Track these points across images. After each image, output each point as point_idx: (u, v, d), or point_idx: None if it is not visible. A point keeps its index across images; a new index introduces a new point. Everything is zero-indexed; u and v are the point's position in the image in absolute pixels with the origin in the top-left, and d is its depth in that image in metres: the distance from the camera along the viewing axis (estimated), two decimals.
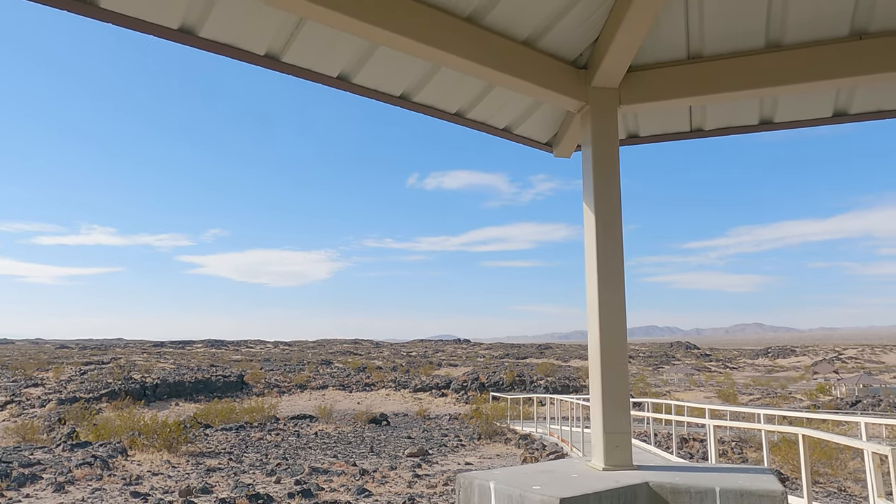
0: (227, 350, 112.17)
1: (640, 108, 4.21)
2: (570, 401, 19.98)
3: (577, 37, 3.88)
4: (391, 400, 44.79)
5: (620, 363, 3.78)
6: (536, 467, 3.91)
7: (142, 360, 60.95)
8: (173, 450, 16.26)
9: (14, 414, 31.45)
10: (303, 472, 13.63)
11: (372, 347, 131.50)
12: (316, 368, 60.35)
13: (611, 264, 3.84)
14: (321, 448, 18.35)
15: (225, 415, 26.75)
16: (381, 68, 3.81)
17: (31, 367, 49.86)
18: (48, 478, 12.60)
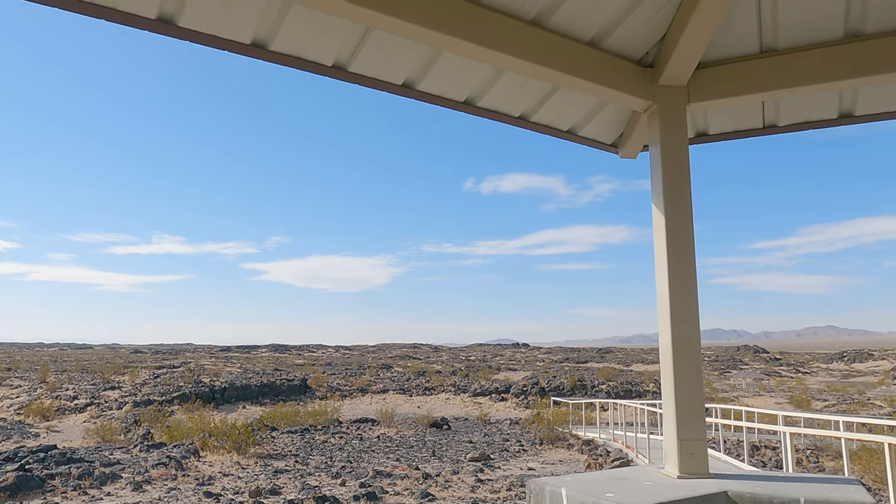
0: (290, 354, 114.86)
1: (710, 106, 4.10)
2: (633, 406, 19.56)
3: (642, 35, 3.81)
4: (451, 404, 44.88)
5: (694, 367, 3.67)
6: (608, 474, 3.84)
7: (210, 365, 63.05)
8: (242, 451, 16.73)
9: (94, 415, 33.03)
10: (367, 474, 13.80)
11: (430, 352, 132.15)
12: (376, 372, 61.05)
13: (682, 266, 3.75)
14: (384, 451, 18.54)
15: (290, 418, 27.36)
16: (446, 74, 3.84)
17: (108, 370, 52.29)
18: (127, 477, 13.18)
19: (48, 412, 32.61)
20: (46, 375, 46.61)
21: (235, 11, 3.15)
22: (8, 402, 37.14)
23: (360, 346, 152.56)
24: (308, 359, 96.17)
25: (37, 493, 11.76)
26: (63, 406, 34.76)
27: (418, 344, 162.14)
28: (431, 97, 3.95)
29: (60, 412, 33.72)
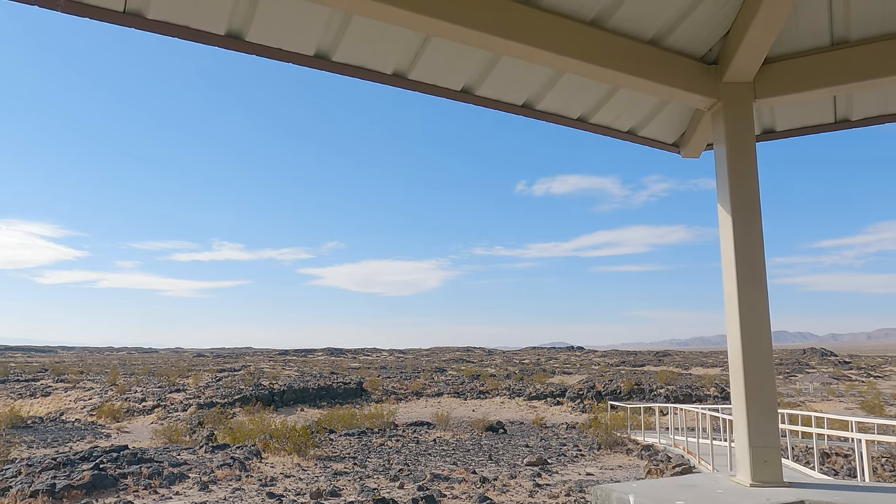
0: (346, 358, 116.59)
1: (778, 102, 3.98)
2: (694, 410, 19.05)
3: (706, 32, 3.73)
4: (506, 408, 44.66)
5: (766, 371, 3.56)
6: (676, 481, 3.76)
7: (269, 368, 64.58)
8: (302, 453, 17.06)
9: (160, 417, 34.27)
10: (424, 478, 13.87)
11: (484, 355, 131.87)
12: (430, 376, 61.32)
13: (751, 266, 3.64)
14: (440, 455, 18.60)
15: (347, 420, 27.76)
16: (504, 78, 3.84)
17: (173, 374, 54.20)
18: (194, 477, 13.62)
19: (118, 414, 34.02)
20: (116, 378, 48.65)
21: (300, 25, 3.24)
22: (81, 403, 38.93)
23: (414, 350, 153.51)
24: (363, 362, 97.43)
25: (111, 492, 12.28)
26: (132, 408, 36.21)
27: (471, 347, 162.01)
28: (490, 102, 3.96)
29: (130, 414, 35.14)
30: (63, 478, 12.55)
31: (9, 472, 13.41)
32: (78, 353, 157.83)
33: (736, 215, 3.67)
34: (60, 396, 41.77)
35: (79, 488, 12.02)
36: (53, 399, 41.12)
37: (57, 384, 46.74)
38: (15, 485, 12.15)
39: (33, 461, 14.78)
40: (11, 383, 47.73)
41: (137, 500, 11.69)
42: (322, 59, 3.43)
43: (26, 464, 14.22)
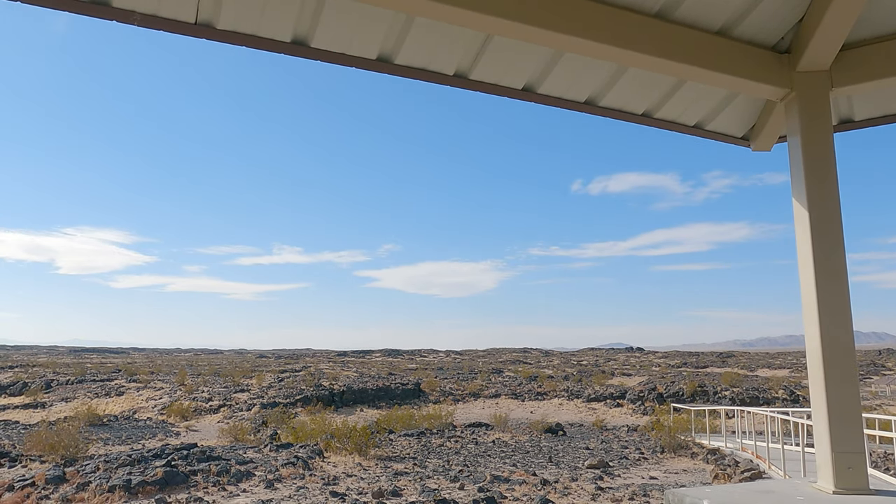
0: (403, 359, 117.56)
1: (856, 90, 3.80)
2: (763, 413, 18.36)
3: (777, 19, 3.59)
4: (564, 409, 44.15)
5: (848, 372, 3.39)
6: (752, 487, 3.63)
7: (328, 369, 65.76)
8: (363, 453, 17.30)
9: (226, 416, 35.35)
10: (484, 479, 13.85)
11: (541, 356, 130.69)
12: (487, 377, 61.20)
13: (831, 264, 3.48)
14: (499, 456, 18.53)
15: (405, 421, 27.98)
16: (566, 75, 3.79)
17: (237, 374, 55.82)
18: (260, 475, 13.99)
19: (187, 413, 35.28)
20: (184, 379, 50.47)
21: (363, 30, 3.28)
22: (152, 402, 40.55)
23: (470, 351, 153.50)
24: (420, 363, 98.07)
25: (182, 488, 12.74)
26: (199, 407, 37.49)
27: (528, 348, 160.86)
28: (551, 99, 3.92)
29: (197, 413, 36.39)
30: (138, 474, 13.09)
31: (88, 468, 14.08)
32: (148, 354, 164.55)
33: (813, 210, 3.52)
34: (133, 396, 43.62)
35: (152, 484, 12.51)
36: (126, 398, 42.97)
37: (129, 384, 48.84)
38: (94, 480, 12.75)
39: (110, 457, 15.48)
40: (88, 383, 50.15)
41: (207, 497, 12.08)
42: (385, 62, 3.47)
43: (104, 460, 14.91)
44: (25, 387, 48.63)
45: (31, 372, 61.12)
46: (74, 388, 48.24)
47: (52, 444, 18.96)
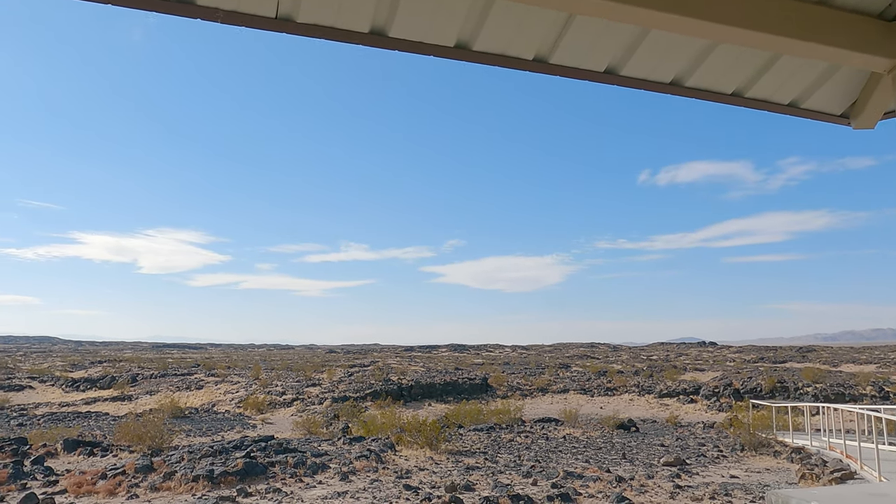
0: (469, 354, 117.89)
1: None
2: (853, 411, 17.39)
3: None
4: (635, 405, 43.20)
5: None
6: (861, 489, 3.38)
7: (396, 364, 66.59)
8: (434, 447, 17.38)
9: (299, 409, 36.29)
10: (557, 475, 13.66)
11: (609, 351, 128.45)
12: (555, 372, 60.57)
13: None
14: (571, 452, 18.27)
15: (473, 416, 27.98)
16: (651, 55, 3.61)
17: (309, 369, 57.26)
18: (335, 467, 14.26)
19: (262, 406, 36.44)
20: (259, 373, 52.16)
21: (441, 17, 3.21)
22: (230, 396, 42.10)
23: (537, 346, 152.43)
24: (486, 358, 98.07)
25: (261, 479, 13.12)
26: (274, 401, 38.65)
27: (595, 343, 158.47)
28: (636, 81, 3.74)
29: (272, 406, 37.53)
30: (219, 465, 13.57)
31: (173, 458, 14.70)
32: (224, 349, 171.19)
33: None
34: (211, 389, 45.41)
35: (233, 475, 12.94)
36: (206, 392, 44.78)
37: (208, 378, 50.87)
38: (179, 470, 13.29)
39: (193, 448, 16.12)
40: (170, 377, 52.56)
41: (285, 488, 12.40)
42: (463, 49, 3.39)
43: (187, 451, 15.53)
44: (113, 381, 51.44)
45: (118, 366, 64.59)
46: (158, 381, 50.66)
47: (139, 435, 19.94)
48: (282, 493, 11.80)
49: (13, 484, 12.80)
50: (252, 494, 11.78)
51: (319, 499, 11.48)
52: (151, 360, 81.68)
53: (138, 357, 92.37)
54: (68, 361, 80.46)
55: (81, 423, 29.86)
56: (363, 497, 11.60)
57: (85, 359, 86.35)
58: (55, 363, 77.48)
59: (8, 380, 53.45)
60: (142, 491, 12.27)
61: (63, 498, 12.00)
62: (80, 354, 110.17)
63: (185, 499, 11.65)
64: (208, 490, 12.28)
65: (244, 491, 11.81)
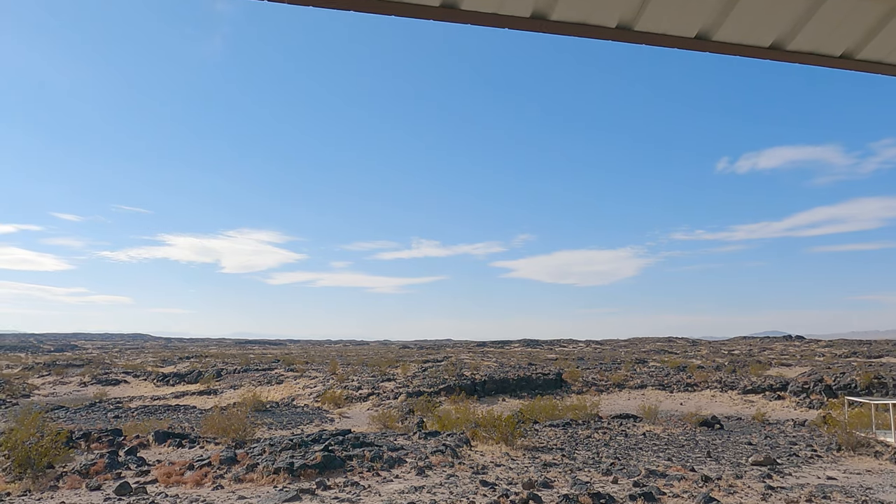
0: (542, 349, 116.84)
1: None
2: None
3: None
4: (717, 402, 41.55)
5: None
6: None
7: (469, 359, 66.65)
8: (510, 443, 17.17)
9: (375, 404, 36.82)
10: (639, 473, 13.19)
11: (688, 345, 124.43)
12: (632, 367, 59.08)
13: None
14: (652, 449, 17.65)
15: (548, 411, 27.58)
16: (747, 17, 3.28)
17: (383, 364, 58.12)
18: (411, 462, 14.28)
19: (339, 400, 37.18)
20: (335, 369, 53.34)
21: None
22: (308, 390, 43.22)
23: (611, 341, 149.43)
24: (559, 353, 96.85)
25: (339, 472, 13.28)
26: (350, 395, 39.38)
27: (673, 338, 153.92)
28: (730, 47, 3.42)
29: (349, 400, 38.25)
30: (299, 457, 13.84)
31: (255, 451, 15.11)
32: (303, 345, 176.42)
33: None
34: (291, 384, 46.76)
35: (312, 468, 13.16)
36: (285, 386, 46.16)
37: (287, 373, 52.44)
38: (261, 462, 13.64)
39: (274, 441, 16.53)
40: (252, 372, 54.49)
41: (363, 482, 12.49)
42: (539, 19, 3.18)
43: (268, 443, 15.94)
44: (200, 375, 53.82)
45: (204, 362, 67.56)
46: (241, 376, 52.62)
47: (223, 428, 20.66)
48: (359, 487, 11.89)
49: (109, 473, 13.47)
50: (331, 487, 11.92)
51: (396, 493, 11.50)
52: (234, 355, 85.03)
53: (222, 353, 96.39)
54: (159, 357, 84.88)
55: (171, 415, 31.33)
56: (440, 492, 11.54)
57: (174, 355, 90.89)
58: (147, 359, 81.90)
59: (105, 375, 56.84)
60: (226, 482, 12.65)
61: (154, 487, 12.52)
62: (169, 351, 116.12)
63: (266, 490, 11.92)
64: (289, 482, 12.53)
65: (323, 484, 11.97)
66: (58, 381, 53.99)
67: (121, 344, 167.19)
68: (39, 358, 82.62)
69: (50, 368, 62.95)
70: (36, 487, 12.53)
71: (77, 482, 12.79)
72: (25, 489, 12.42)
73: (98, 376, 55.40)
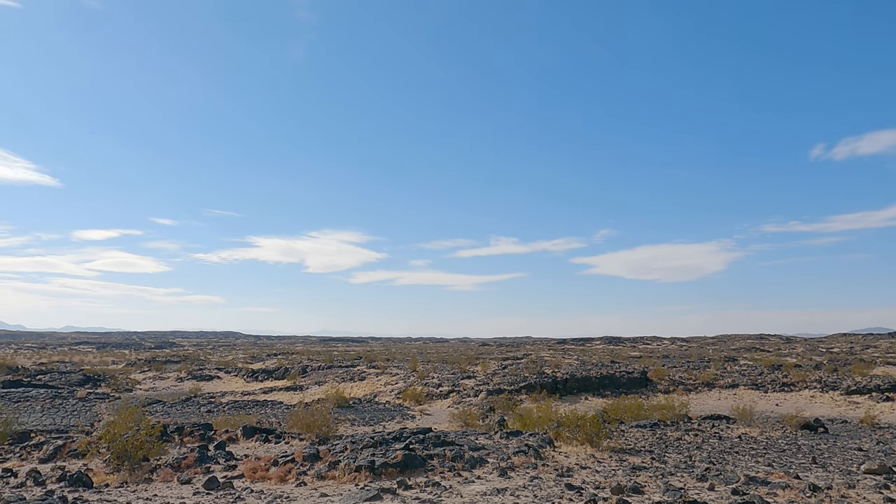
0: (624, 346, 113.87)
1: None
2: None
3: None
4: (818, 403, 39.00)
5: None
6: None
7: (549, 356, 65.66)
8: (595, 444, 16.54)
9: (455, 402, 36.73)
10: (737, 479, 12.32)
11: (781, 343, 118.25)
12: (722, 365, 56.49)
13: None
14: (750, 454, 16.58)
15: (634, 411, 26.60)
16: None
17: (463, 361, 58.11)
18: (493, 462, 13.95)
19: (420, 397, 37.33)
20: (416, 366, 53.73)
21: None
22: (389, 387, 43.70)
23: (698, 338, 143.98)
24: (643, 351, 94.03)
25: (420, 471, 13.12)
26: (431, 392, 39.49)
27: (765, 334, 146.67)
28: None
29: (429, 398, 38.35)
30: (380, 455, 13.78)
31: (337, 448, 15.20)
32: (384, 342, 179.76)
33: None
34: (373, 381, 47.45)
35: (393, 466, 13.06)
36: (367, 383, 46.88)
37: (369, 370, 53.29)
38: (342, 459, 13.68)
39: (355, 438, 16.61)
40: (335, 369, 55.75)
41: (444, 482, 12.27)
42: None
43: (350, 441, 16.02)
44: (286, 372, 55.58)
45: (290, 359, 69.75)
46: (325, 373, 53.93)
47: (308, 424, 21.04)
48: (441, 488, 11.68)
49: (199, 467, 13.88)
50: (412, 487, 11.77)
51: (479, 495, 11.20)
52: (319, 352, 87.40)
53: (308, 350, 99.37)
54: (248, 354, 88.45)
55: (259, 410, 32.36)
56: (523, 495, 11.15)
57: (262, 352, 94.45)
58: (238, 356, 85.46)
59: (200, 370, 59.64)
60: (309, 479, 12.74)
61: (240, 482, 12.77)
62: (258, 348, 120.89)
63: (348, 489, 11.90)
64: (370, 481, 12.48)
65: (404, 483, 11.83)
66: (157, 377, 57.12)
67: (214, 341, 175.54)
68: (141, 354, 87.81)
69: (150, 364, 66.76)
70: (132, 479, 13.05)
71: (169, 475, 13.23)
72: (122, 481, 12.96)
73: (193, 372, 58.23)
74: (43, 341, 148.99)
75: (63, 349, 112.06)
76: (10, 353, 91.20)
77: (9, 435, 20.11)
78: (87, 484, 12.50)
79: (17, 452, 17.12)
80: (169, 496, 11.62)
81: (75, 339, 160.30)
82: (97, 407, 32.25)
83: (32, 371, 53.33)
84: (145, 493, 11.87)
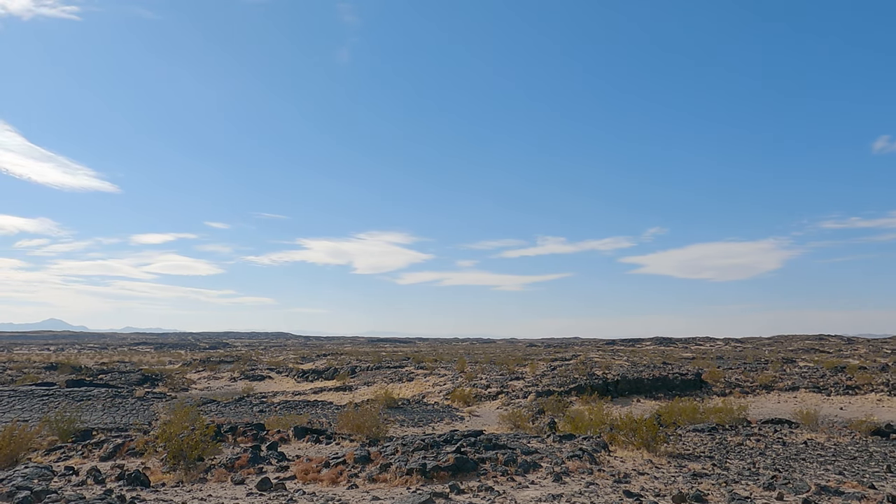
0: (676, 347, 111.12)
1: None
2: None
3: None
4: (885, 407, 37.20)
5: None
6: None
7: (598, 357, 64.51)
8: (652, 449, 16.00)
9: (504, 403, 36.36)
10: (808, 489, 11.67)
11: (842, 343, 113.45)
12: (780, 367, 54.47)
13: None
14: (818, 461, 15.77)
15: (689, 414, 25.75)
16: None
17: (511, 362, 57.57)
18: (546, 467, 13.59)
19: (468, 398, 37.08)
20: (464, 367, 53.48)
21: None
22: (438, 388, 43.58)
23: (753, 339, 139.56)
24: (696, 352, 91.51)
25: (472, 475, 12.88)
26: (479, 393, 39.20)
27: (824, 335, 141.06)
28: None
29: (478, 399, 38.07)
30: (431, 458, 13.60)
31: (388, 450, 15.09)
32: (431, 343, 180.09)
33: None
34: (421, 381, 47.43)
35: (445, 469, 12.85)
36: (416, 383, 46.88)
37: (417, 370, 53.31)
38: (393, 462, 13.55)
39: (406, 441, 16.48)
40: (384, 369, 56.00)
41: (497, 486, 12.00)
42: None
43: (401, 443, 15.89)
44: (336, 372, 56.11)
45: (339, 359, 70.49)
46: (374, 373, 54.23)
47: (358, 425, 21.04)
48: (494, 493, 11.41)
49: (252, 467, 13.95)
50: (464, 491, 11.54)
51: (533, 501, 10.89)
52: (367, 353, 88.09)
53: (356, 350, 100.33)
54: (299, 355, 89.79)
55: (310, 410, 32.65)
56: (580, 502, 10.79)
57: (312, 352, 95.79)
58: (288, 356, 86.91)
59: (252, 370, 60.80)
60: (360, 481, 12.64)
61: (292, 484, 12.77)
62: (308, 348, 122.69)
63: (399, 492, 11.75)
64: (422, 484, 12.30)
65: (456, 487, 11.61)
66: (211, 377, 58.46)
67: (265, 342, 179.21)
68: (196, 355, 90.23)
69: (204, 364, 68.45)
70: (187, 479, 13.20)
71: (223, 475, 13.33)
72: (178, 480, 13.12)
73: (246, 372, 59.39)
74: (104, 342, 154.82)
75: (123, 349, 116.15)
76: (74, 353, 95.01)
77: (72, 433, 20.77)
78: (145, 483, 12.69)
79: (80, 450, 17.60)
80: (223, 496, 11.68)
81: (134, 340, 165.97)
82: (154, 406, 33.09)
83: (94, 371, 55.34)
84: (200, 493, 11.97)
